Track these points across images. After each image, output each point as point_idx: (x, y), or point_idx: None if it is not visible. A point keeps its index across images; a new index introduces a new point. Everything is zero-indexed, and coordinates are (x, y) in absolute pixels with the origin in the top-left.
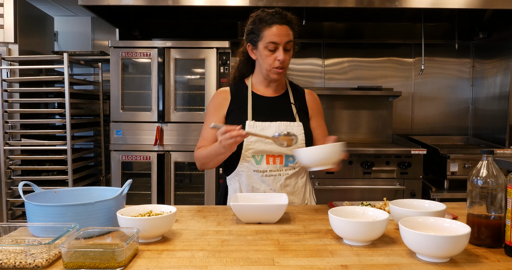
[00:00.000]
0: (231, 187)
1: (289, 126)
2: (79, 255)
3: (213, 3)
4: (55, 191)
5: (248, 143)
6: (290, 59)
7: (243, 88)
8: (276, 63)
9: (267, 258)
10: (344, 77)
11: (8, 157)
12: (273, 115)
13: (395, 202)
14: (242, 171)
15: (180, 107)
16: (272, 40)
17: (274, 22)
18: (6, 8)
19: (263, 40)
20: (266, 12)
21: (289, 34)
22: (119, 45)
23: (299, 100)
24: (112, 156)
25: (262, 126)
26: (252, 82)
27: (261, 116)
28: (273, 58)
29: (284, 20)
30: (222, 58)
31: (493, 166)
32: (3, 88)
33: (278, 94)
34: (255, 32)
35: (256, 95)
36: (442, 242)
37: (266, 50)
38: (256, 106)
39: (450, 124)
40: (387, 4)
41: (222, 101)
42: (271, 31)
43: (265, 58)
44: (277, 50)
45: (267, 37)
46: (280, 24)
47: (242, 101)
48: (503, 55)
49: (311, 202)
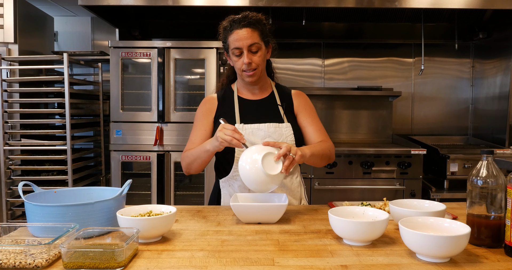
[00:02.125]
0: (225, 190)
1: (278, 127)
2: (79, 255)
3: (213, 3)
4: (55, 191)
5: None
6: (261, 59)
7: (230, 93)
8: (244, 66)
9: (267, 258)
10: (344, 77)
11: (8, 157)
12: (261, 117)
13: (395, 202)
14: (237, 174)
15: (180, 107)
16: (234, 46)
17: (233, 28)
18: (6, 8)
19: (230, 47)
20: (228, 19)
21: (251, 36)
22: (119, 45)
23: (286, 100)
24: (112, 156)
25: (251, 128)
26: (237, 87)
27: (249, 119)
28: (241, 62)
29: (243, 23)
30: (222, 58)
31: (493, 166)
32: (3, 88)
33: (264, 97)
34: (225, 41)
35: (242, 99)
36: (442, 242)
37: (234, 56)
38: (243, 109)
39: (450, 124)
40: (387, 4)
41: (210, 107)
42: (232, 37)
43: (235, 63)
44: (242, 54)
45: (231, 43)
46: (239, 28)
47: (229, 106)
48: (503, 55)
49: (305, 201)
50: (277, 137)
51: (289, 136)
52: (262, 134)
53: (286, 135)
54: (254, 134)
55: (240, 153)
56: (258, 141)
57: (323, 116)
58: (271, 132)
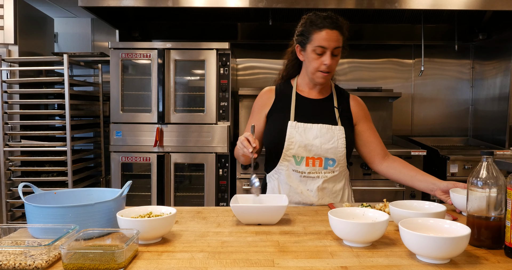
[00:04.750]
0: (269, 185)
1: (330, 129)
2: (79, 257)
3: (213, 4)
4: (55, 192)
5: (289, 143)
6: (336, 64)
7: (288, 88)
8: (322, 67)
9: (267, 259)
10: (344, 78)
11: (8, 158)
12: (315, 117)
13: (395, 203)
14: (282, 169)
15: (180, 108)
16: (320, 44)
17: (325, 26)
18: (6, 10)
19: (312, 43)
20: (318, 15)
21: (338, 40)
22: (119, 47)
23: (343, 104)
24: (112, 157)
25: (303, 127)
26: (298, 83)
27: (303, 117)
28: (320, 62)
29: (335, 25)
30: (222, 59)
31: (493, 167)
32: (3, 89)
33: (323, 97)
34: (305, 34)
35: (300, 96)
36: (442, 244)
37: (313, 53)
38: (299, 107)
39: (450, 125)
40: (387, 5)
41: (266, 101)
42: (321, 35)
43: (312, 61)
44: (324, 54)
45: (316, 40)
46: (330, 29)
47: (286, 101)
48: (503, 56)
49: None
50: (329, 138)
51: (340, 138)
52: (314, 133)
53: (338, 137)
54: (305, 132)
55: (289, 146)
56: (309, 140)
57: None
58: (323, 133)
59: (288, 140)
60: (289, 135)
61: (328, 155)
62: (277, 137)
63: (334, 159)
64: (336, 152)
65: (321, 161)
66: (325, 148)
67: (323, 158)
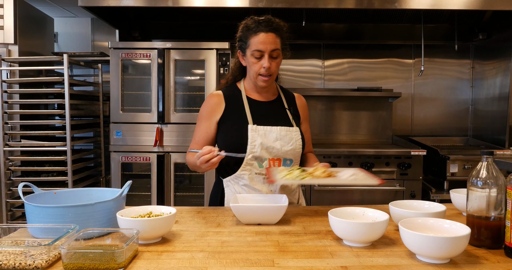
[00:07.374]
0: (229, 189)
1: (288, 131)
2: (79, 256)
3: (213, 4)
4: (55, 192)
5: (252, 146)
6: (277, 66)
7: (236, 92)
8: (262, 70)
9: (267, 259)
10: (344, 78)
11: (8, 158)
12: (271, 119)
13: (395, 203)
14: (244, 174)
15: (180, 108)
16: (257, 48)
17: (260, 30)
18: (6, 9)
19: (250, 48)
20: (253, 20)
21: (275, 42)
22: (119, 46)
23: (292, 104)
24: (112, 157)
25: (264, 130)
26: (245, 87)
27: (260, 121)
28: (259, 65)
29: (270, 27)
30: (222, 59)
31: (493, 167)
32: (3, 89)
33: (272, 99)
34: (243, 39)
35: (251, 99)
36: (442, 243)
37: (252, 58)
38: (253, 110)
39: (450, 125)
40: (386, 5)
41: (216, 107)
42: (257, 39)
43: (252, 65)
44: (262, 58)
45: (253, 44)
46: (265, 32)
47: (238, 106)
48: (503, 56)
49: (303, 202)
50: (288, 140)
51: (298, 140)
52: (274, 136)
53: (296, 139)
54: (266, 136)
55: (252, 149)
56: (270, 143)
57: (323, 117)
58: (282, 135)
59: (250, 143)
60: (251, 138)
61: (287, 156)
62: (237, 143)
63: (292, 159)
64: (295, 153)
65: (280, 161)
66: (285, 150)
67: (281, 159)
